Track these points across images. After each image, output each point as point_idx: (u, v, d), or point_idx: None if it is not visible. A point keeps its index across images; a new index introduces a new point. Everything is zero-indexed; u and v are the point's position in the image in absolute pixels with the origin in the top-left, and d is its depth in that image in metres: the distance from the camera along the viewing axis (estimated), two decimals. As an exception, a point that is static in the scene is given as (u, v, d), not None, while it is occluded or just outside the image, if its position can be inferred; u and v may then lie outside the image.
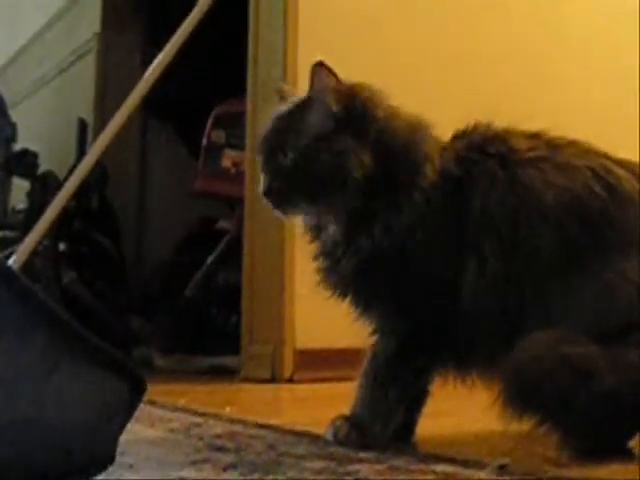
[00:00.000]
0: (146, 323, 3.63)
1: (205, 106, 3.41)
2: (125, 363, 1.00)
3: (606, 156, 1.37)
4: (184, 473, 1.11)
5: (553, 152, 1.37)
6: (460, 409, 1.68)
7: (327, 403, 2.14)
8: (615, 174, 1.33)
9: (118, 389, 0.99)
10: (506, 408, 1.23)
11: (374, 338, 1.41)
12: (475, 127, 1.43)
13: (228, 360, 3.07)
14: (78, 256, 3.68)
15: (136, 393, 1.02)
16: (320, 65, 1.37)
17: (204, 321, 3.41)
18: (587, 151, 1.38)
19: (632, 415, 1.22)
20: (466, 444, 1.50)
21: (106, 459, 0.97)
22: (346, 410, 1.40)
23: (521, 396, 1.24)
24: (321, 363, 2.66)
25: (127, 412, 1.02)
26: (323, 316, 2.67)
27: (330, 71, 1.37)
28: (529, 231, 1.31)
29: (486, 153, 1.37)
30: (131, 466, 1.15)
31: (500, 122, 1.42)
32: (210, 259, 3.47)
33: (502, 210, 1.33)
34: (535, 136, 1.40)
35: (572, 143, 1.39)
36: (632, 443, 1.28)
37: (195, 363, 3.26)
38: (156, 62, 2.91)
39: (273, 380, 2.68)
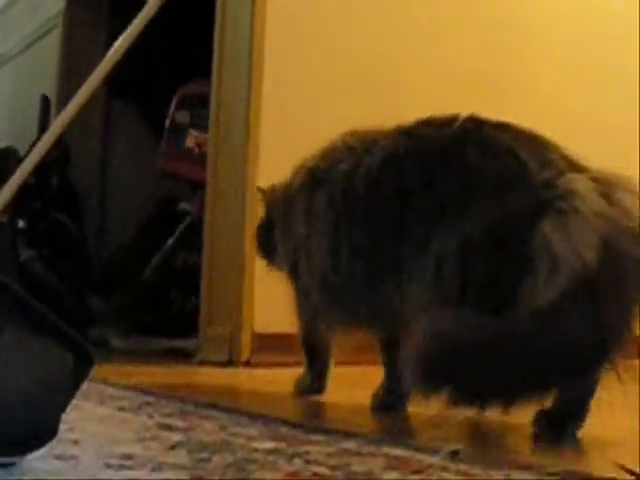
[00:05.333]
0: (105, 303, 3.59)
1: (169, 86, 3.38)
2: (72, 335, 0.97)
3: None
4: (129, 450, 1.09)
5: None
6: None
7: (283, 387, 2.13)
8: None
9: (63, 361, 0.96)
10: (418, 388, 1.27)
11: None
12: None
13: (186, 343, 3.05)
14: (37, 234, 3.64)
15: (83, 367, 1.00)
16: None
17: (163, 303, 3.39)
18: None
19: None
20: (420, 430, 1.50)
21: (48, 433, 0.95)
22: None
23: (430, 373, 1.25)
24: (279, 347, 2.64)
25: (72, 386, 0.99)
26: (282, 300, 2.66)
27: None
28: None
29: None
30: (76, 442, 1.12)
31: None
32: (170, 241, 3.44)
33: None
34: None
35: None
36: (580, 433, 1.30)
37: (153, 345, 3.24)
38: (120, 40, 2.88)
39: (230, 363, 2.66)
